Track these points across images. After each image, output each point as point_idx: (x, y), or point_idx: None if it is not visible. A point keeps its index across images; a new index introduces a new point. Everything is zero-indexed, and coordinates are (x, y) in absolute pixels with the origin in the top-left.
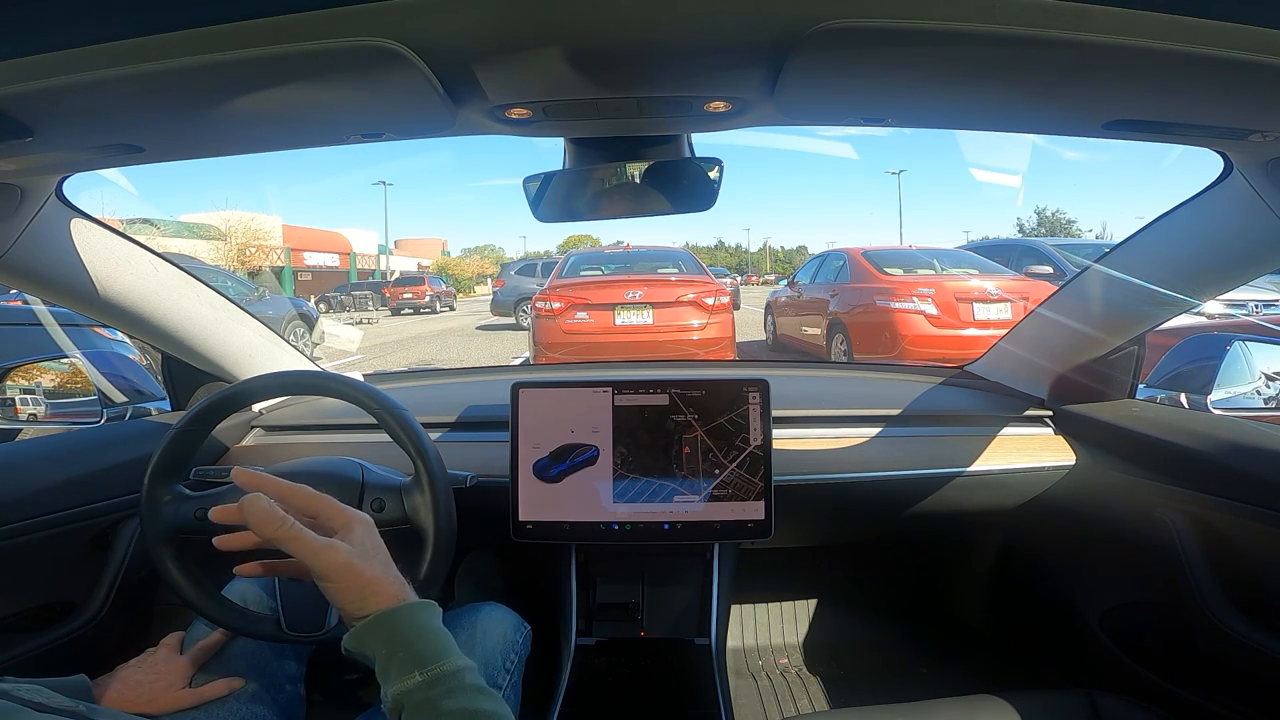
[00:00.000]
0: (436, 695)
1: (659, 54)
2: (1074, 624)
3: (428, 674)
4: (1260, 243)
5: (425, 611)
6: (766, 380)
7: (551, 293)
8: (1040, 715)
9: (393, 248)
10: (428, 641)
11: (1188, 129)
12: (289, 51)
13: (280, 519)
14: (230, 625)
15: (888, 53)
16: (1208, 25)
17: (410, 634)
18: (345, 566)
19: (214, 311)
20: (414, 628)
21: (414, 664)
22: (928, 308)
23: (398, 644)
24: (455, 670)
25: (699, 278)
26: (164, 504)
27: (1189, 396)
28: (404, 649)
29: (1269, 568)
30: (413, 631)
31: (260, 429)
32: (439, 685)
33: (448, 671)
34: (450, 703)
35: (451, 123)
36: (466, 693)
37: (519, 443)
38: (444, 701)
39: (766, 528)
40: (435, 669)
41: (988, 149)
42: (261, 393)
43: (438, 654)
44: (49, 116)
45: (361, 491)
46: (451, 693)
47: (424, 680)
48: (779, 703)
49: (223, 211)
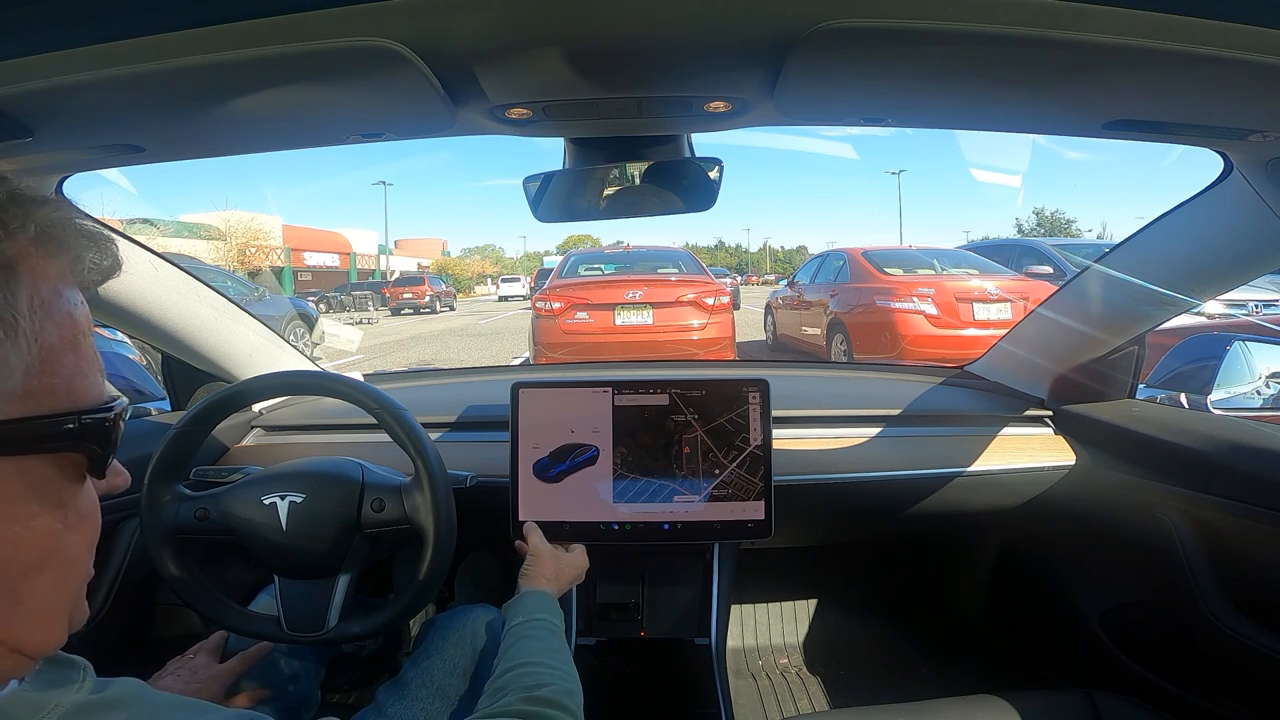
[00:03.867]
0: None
1: (659, 54)
2: (1074, 624)
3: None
4: (1260, 243)
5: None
6: (766, 380)
7: (551, 293)
8: (1040, 715)
9: (393, 248)
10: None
11: (1188, 129)
12: (289, 51)
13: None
14: (230, 625)
15: (888, 53)
16: (1208, 25)
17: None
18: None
19: (214, 311)
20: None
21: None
22: (928, 308)
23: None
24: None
25: (699, 278)
26: (164, 504)
27: (1189, 396)
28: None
29: (1269, 568)
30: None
31: (260, 429)
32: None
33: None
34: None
35: (451, 123)
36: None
37: (519, 443)
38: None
39: (766, 528)
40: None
41: (988, 149)
42: (261, 393)
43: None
44: (49, 116)
45: (361, 491)
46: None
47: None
48: (779, 703)
49: (223, 211)
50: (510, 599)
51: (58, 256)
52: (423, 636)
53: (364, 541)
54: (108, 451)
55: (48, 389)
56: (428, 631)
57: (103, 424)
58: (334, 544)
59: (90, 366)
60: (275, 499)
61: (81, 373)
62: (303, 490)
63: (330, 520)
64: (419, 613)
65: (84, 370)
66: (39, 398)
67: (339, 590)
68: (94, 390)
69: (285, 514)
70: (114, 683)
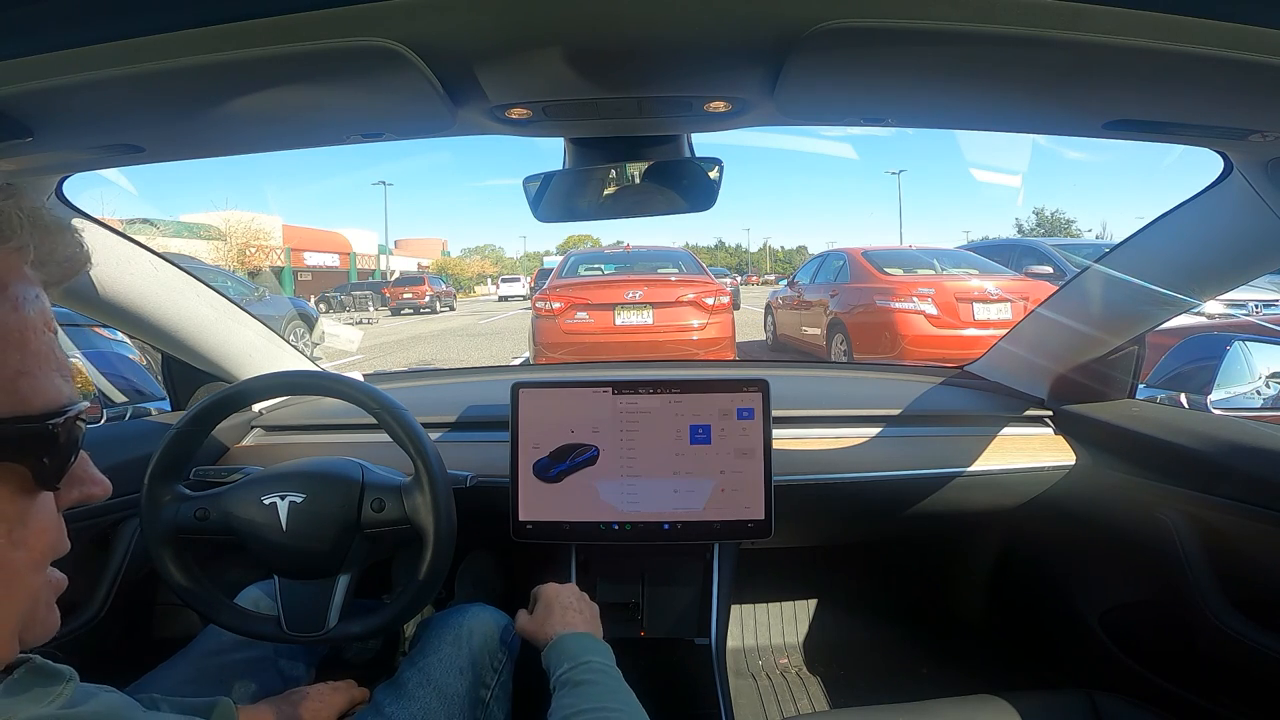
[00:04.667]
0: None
1: (659, 54)
2: (1074, 624)
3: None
4: (1260, 243)
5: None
6: (766, 380)
7: (551, 293)
8: (1040, 715)
9: (393, 248)
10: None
11: (1188, 129)
12: (289, 51)
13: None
14: (230, 625)
15: (888, 53)
16: (1208, 25)
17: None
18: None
19: (214, 311)
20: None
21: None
22: (928, 308)
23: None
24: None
25: (699, 278)
26: (164, 504)
27: (1189, 396)
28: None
29: (1269, 568)
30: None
31: (260, 429)
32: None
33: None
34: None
35: (451, 123)
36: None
37: (519, 443)
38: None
39: (766, 528)
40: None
41: (988, 149)
42: (261, 393)
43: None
44: (49, 116)
45: (361, 491)
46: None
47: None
48: (779, 703)
49: (223, 211)
50: (546, 646)
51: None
52: (420, 636)
53: (364, 541)
54: (59, 461)
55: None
56: (425, 631)
57: (46, 431)
58: (334, 544)
59: (40, 366)
60: (275, 499)
61: (27, 373)
62: (303, 490)
63: (330, 520)
64: (419, 613)
65: (30, 371)
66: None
67: (339, 590)
68: (44, 393)
69: (285, 514)
70: (95, 697)
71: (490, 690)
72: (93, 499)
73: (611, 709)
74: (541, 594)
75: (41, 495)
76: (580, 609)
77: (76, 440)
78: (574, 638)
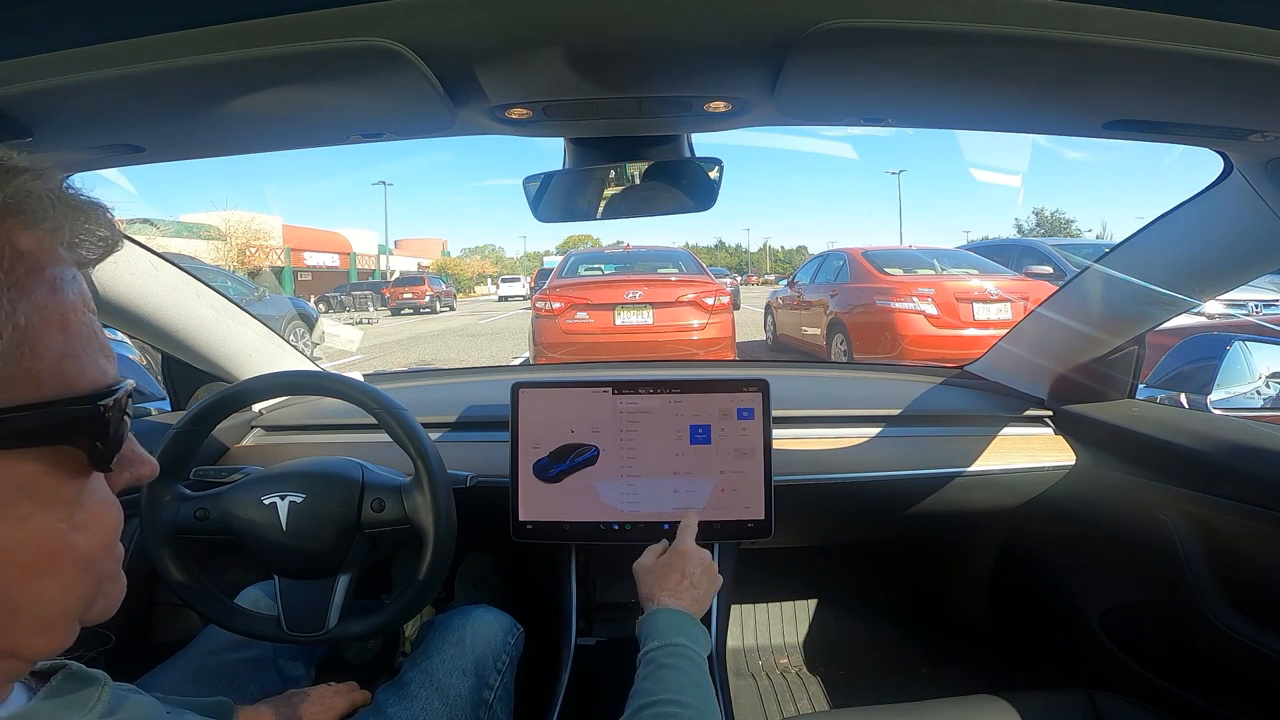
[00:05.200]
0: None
1: (659, 54)
2: (1074, 624)
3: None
4: (1260, 243)
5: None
6: (766, 380)
7: (551, 293)
8: (1040, 715)
9: (393, 248)
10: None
11: (1188, 129)
12: (289, 51)
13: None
14: (230, 625)
15: (888, 53)
16: (1208, 25)
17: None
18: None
19: (214, 311)
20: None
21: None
22: (928, 308)
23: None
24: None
25: (699, 278)
26: (164, 504)
27: (1189, 396)
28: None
29: (1269, 568)
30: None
31: (260, 429)
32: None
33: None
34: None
35: (451, 123)
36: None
37: (519, 443)
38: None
39: (766, 528)
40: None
41: (988, 149)
42: (261, 393)
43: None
44: (49, 116)
45: (361, 491)
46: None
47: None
48: (779, 703)
49: (223, 211)
50: (640, 616)
51: (33, 228)
52: (422, 637)
53: (364, 541)
54: (111, 442)
55: (29, 375)
56: (427, 632)
57: (96, 411)
58: (334, 544)
59: (84, 347)
60: (275, 499)
61: (72, 355)
62: (303, 490)
63: (330, 520)
64: (419, 613)
65: (75, 352)
66: (18, 386)
67: (339, 590)
68: (91, 374)
69: (285, 514)
70: (127, 700)
71: (493, 691)
72: (142, 479)
73: (684, 703)
74: (675, 551)
75: (95, 477)
76: (697, 584)
77: (126, 420)
78: (670, 614)
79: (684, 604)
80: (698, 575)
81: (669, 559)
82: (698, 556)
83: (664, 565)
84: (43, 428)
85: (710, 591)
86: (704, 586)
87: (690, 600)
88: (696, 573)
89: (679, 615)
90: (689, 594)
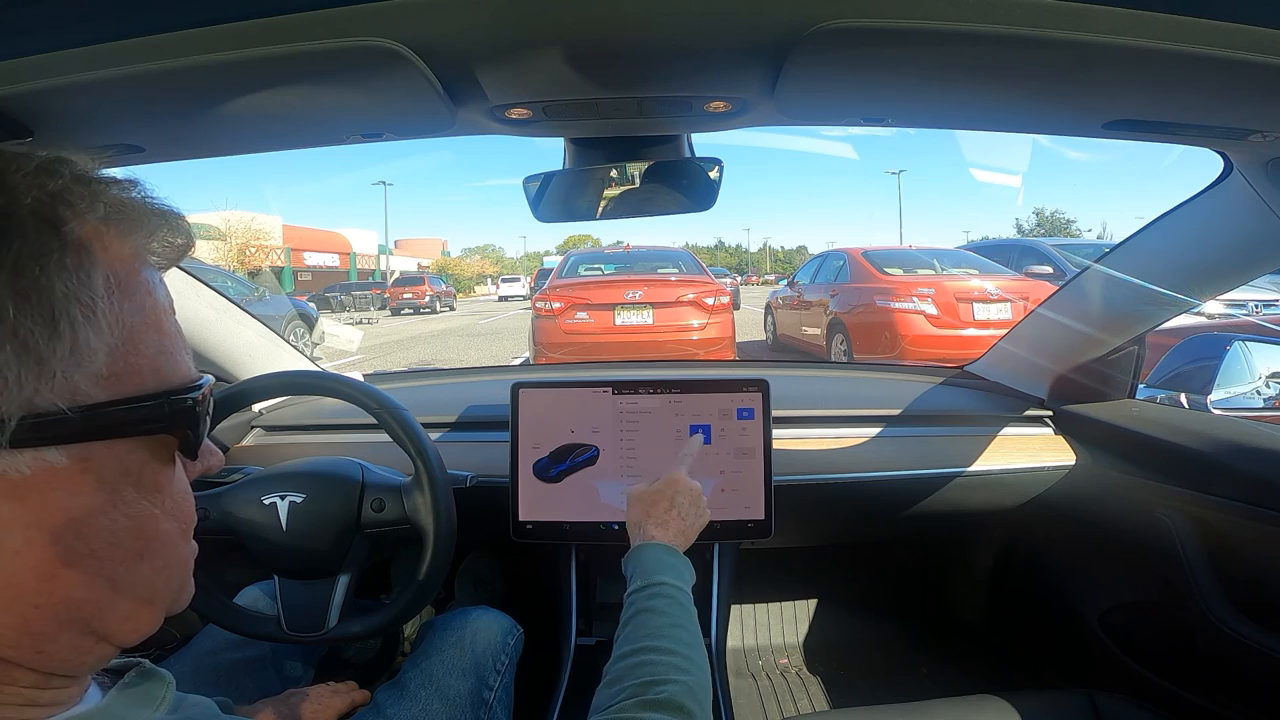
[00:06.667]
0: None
1: (659, 54)
2: (1074, 624)
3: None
4: (1260, 243)
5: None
6: (766, 380)
7: (551, 293)
8: (1040, 715)
9: (393, 248)
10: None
11: (1188, 129)
12: (289, 51)
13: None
14: (230, 625)
15: (888, 53)
16: (1208, 25)
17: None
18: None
19: (214, 311)
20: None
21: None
22: (928, 308)
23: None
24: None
25: (699, 278)
26: None
27: (1189, 396)
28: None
29: (1269, 568)
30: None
31: (260, 429)
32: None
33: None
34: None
35: (451, 123)
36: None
37: (519, 443)
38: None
39: (766, 528)
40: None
41: (988, 149)
42: (261, 393)
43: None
44: (49, 116)
45: (361, 491)
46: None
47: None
48: (779, 703)
49: (223, 211)
50: (627, 553)
51: (130, 236)
52: (422, 637)
53: (364, 541)
54: (199, 431)
55: (133, 370)
56: (427, 632)
57: (192, 403)
58: (334, 544)
59: (175, 345)
60: (275, 499)
61: (167, 352)
62: (303, 490)
63: (330, 520)
64: (419, 613)
65: (168, 349)
66: (125, 380)
67: (339, 590)
68: (180, 369)
69: (285, 514)
70: (186, 700)
71: (493, 692)
72: (213, 469)
73: (662, 649)
74: (667, 479)
75: (177, 467)
76: (684, 515)
77: (210, 412)
78: (653, 549)
79: (669, 535)
80: (686, 506)
81: (660, 486)
82: (688, 488)
83: (654, 492)
84: (151, 418)
85: (697, 526)
86: (691, 519)
87: (676, 532)
88: (685, 503)
89: (661, 550)
90: (675, 524)
